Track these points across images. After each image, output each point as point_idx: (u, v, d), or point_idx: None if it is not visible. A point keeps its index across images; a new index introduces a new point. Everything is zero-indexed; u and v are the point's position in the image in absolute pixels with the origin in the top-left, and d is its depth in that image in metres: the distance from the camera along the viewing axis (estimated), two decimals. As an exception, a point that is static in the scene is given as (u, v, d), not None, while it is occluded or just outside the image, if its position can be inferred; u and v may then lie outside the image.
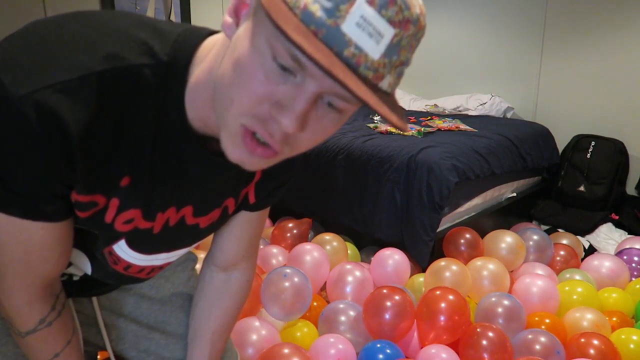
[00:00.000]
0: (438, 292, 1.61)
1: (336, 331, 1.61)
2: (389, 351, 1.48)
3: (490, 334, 1.49)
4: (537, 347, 1.48)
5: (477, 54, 3.47)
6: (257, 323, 1.54)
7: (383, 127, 2.60)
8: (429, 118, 2.96)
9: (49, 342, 0.73)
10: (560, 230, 2.66)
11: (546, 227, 2.73)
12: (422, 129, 2.59)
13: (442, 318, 1.54)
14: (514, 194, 2.64)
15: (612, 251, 2.43)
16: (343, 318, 1.64)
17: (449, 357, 1.45)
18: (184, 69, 0.59)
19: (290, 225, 2.27)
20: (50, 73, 0.52)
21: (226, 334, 0.97)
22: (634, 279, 2.09)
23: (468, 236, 2.11)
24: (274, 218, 2.57)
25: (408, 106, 3.55)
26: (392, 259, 1.96)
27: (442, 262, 1.89)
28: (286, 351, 1.39)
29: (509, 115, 3.24)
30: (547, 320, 1.67)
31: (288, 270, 1.67)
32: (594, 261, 2.10)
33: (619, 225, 2.69)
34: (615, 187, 2.83)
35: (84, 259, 0.76)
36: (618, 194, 2.85)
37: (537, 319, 1.69)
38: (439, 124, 2.75)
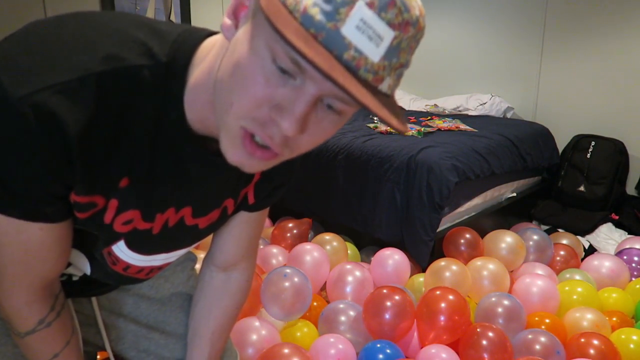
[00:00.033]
0: (438, 292, 1.61)
1: (336, 331, 1.61)
2: (389, 351, 1.48)
3: (490, 334, 1.49)
4: (537, 347, 1.48)
5: (477, 54, 3.46)
6: (257, 323, 1.54)
7: (383, 127, 2.60)
8: (429, 118, 2.96)
9: (48, 343, 0.73)
10: (560, 230, 2.66)
11: (546, 227, 2.73)
12: (422, 129, 2.59)
13: (442, 318, 1.54)
14: (514, 194, 2.64)
15: (612, 251, 2.42)
16: (343, 318, 1.64)
17: (449, 357, 1.45)
18: (183, 69, 0.59)
19: (290, 225, 2.27)
20: (49, 74, 0.52)
21: (226, 334, 0.97)
22: (634, 279, 2.09)
23: (468, 236, 2.11)
24: (274, 218, 2.57)
25: (408, 106, 3.55)
26: (392, 259, 1.96)
27: (442, 262, 1.89)
28: (286, 351, 1.39)
29: (509, 115, 3.24)
30: (547, 320, 1.67)
31: (288, 270, 1.67)
32: (594, 261, 2.10)
33: (619, 225, 2.69)
34: (615, 187, 2.82)
35: (83, 259, 0.76)
36: (618, 194, 2.85)
37: (537, 319, 1.69)
38: (439, 124, 2.75)
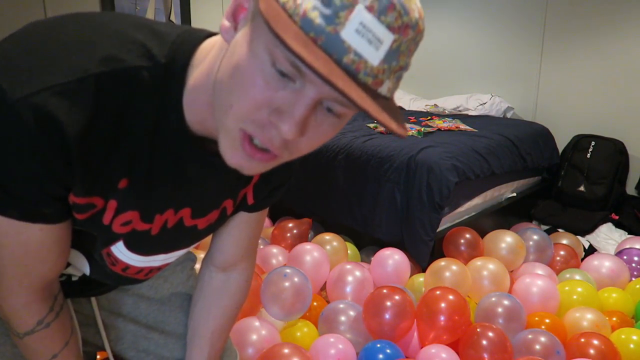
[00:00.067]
0: (438, 292, 1.61)
1: (336, 331, 1.61)
2: (389, 351, 1.48)
3: (490, 334, 1.49)
4: (537, 347, 1.48)
5: (477, 54, 3.46)
6: (257, 323, 1.55)
7: (383, 127, 2.59)
8: (429, 118, 2.96)
9: (47, 343, 0.73)
10: (560, 230, 2.66)
11: (546, 227, 2.73)
12: (422, 129, 2.59)
13: (442, 318, 1.54)
14: (514, 194, 2.64)
15: (612, 251, 2.42)
16: (343, 318, 1.64)
17: (449, 357, 1.45)
18: (182, 71, 0.59)
19: (290, 225, 2.27)
20: (48, 75, 0.52)
21: (225, 334, 0.97)
22: (634, 279, 2.09)
23: (468, 236, 2.11)
24: (274, 218, 2.57)
25: (408, 106, 3.55)
26: (392, 259, 1.96)
27: (442, 262, 1.89)
28: (286, 351, 1.39)
29: (509, 115, 3.24)
30: (547, 320, 1.67)
31: (288, 270, 1.67)
32: (594, 261, 2.10)
33: (619, 225, 2.69)
34: (615, 187, 2.82)
35: (82, 259, 0.76)
36: (618, 194, 2.84)
37: (537, 319, 1.69)
38: (439, 124, 2.74)
